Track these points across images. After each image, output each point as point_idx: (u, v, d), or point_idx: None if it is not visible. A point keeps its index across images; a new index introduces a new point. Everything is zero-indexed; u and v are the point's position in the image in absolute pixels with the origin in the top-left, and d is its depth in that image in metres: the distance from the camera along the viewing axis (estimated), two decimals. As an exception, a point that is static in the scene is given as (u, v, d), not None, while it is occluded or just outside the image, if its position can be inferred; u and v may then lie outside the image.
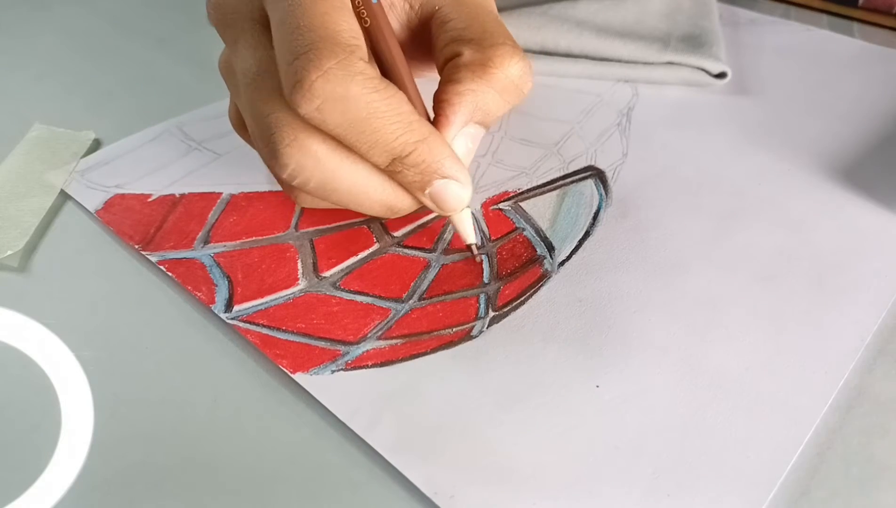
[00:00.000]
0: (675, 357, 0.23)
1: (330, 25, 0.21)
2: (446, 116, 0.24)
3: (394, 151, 0.22)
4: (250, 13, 0.24)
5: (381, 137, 0.22)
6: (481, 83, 0.24)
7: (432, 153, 0.23)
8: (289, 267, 0.27)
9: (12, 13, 0.47)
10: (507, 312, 0.25)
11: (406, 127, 0.22)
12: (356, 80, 0.21)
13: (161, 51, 0.42)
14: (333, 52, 0.21)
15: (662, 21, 0.38)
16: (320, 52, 0.21)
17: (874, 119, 0.34)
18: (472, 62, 0.24)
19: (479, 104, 0.24)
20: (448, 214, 0.25)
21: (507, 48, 0.24)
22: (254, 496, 0.20)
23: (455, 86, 0.24)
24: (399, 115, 0.22)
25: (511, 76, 0.24)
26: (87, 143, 0.34)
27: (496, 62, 0.24)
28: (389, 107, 0.22)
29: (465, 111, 0.24)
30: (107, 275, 0.27)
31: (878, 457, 0.21)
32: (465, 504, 0.19)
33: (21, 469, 0.21)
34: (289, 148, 0.22)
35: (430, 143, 0.22)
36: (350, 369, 0.23)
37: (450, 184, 0.23)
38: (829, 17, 0.44)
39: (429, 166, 0.23)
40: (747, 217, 0.28)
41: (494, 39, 0.24)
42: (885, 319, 0.24)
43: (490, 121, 0.25)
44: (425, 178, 0.23)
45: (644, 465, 0.20)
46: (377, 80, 0.21)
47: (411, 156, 0.22)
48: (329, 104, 0.21)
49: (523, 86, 0.25)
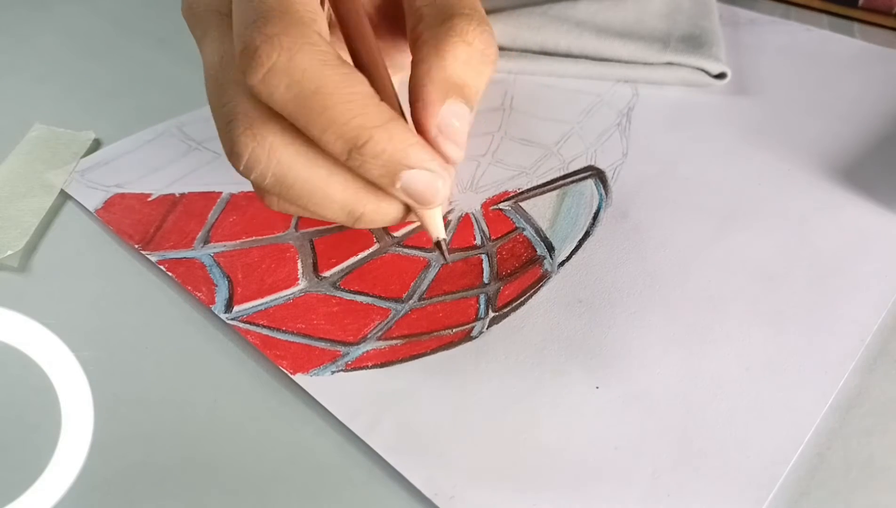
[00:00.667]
0: (674, 357, 0.23)
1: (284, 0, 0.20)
2: (421, 98, 0.22)
3: (348, 136, 0.20)
4: (218, 7, 0.23)
5: (333, 116, 0.20)
6: (445, 56, 0.22)
7: (393, 140, 0.20)
8: (289, 268, 0.27)
9: (12, 13, 0.47)
10: (507, 313, 0.25)
11: (361, 108, 0.20)
12: (304, 50, 0.19)
13: (161, 51, 0.42)
14: (282, 20, 0.20)
15: (662, 21, 0.38)
16: (268, 20, 0.20)
17: (874, 119, 0.34)
18: (431, 38, 0.23)
19: (450, 79, 0.22)
20: (426, 208, 0.22)
21: (463, 17, 0.23)
22: (254, 496, 0.20)
23: (420, 66, 0.22)
24: (353, 94, 0.20)
25: (473, 44, 0.23)
26: (87, 143, 0.34)
27: (454, 31, 0.23)
28: (342, 84, 0.20)
29: (437, 88, 0.22)
30: (107, 275, 0.27)
31: (878, 457, 0.21)
32: (465, 504, 0.19)
33: (21, 469, 0.21)
34: (242, 136, 0.21)
35: (390, 129, 0.20)
36: (350, 370, 0.23)
37: (420, 174, 0.21)
38: (829, 17, 0.44)
39: (391, 156, 0.20)
40: (747, 217, 0.28)
41: (452, 10, 0.23)
42: (885, 319, 0.24)
43: (470, 95, 0.23)
44: (390, 170, 0.21)
45: (644, 465, 0.20)
46: (330, 54, 0.20)
47: (369, 144, 0.20)
48: (275, 75, 0.19)
49: (489, 53, 0.24)
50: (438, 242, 0.24)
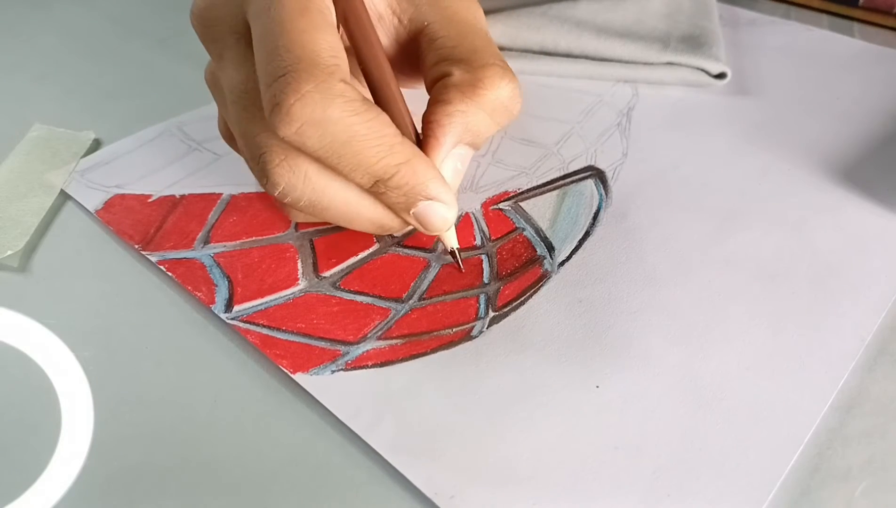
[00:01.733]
0: (675, 357, 0.23)
1: (308, 45, 0.21)
2: (436, 138, 0.23)
3: (376, 174, 0.22)
4: (234, 27, 0.23)
5: (363, 160, 0.21)
6: (471, 104, 0.23)
7: (416, 175, 0.22)
8: (289, 267, 0.27)
9: (12, 13, 0.47)
10: (507, 312, 0.25)
11: (388, 149, 0.22)
12: (335, 103, 0.20)
13: (161, 51, 0.42)
14: (312, 75, 0.20)
15: (662, 21, 0.38)
16: (298, 75, 0.20)
17: (874, 119, 0.34)
18: (462, 83, 0.23)
19: (468, 125, 0.23)
20: (433, 234, 0.24)
21: (497, 69, 0.24)
22: (254, 496, 0.20)
23: (444, 107, 0.23)
24: (381, 138, 0.21)
25: (501, 97, 0.24)
26: (87, 143, 0.34)
27: (486, 83, 0.23)
28: (370, 130, 0.21)
29: (454, 132, 0.23)
30: (107, 275, 0.27)
31: (878, 457, 0.21)
32: (465, 504, 0.19)
33: (21, 469, 0.21)
34: (278, 168, 0.22)
35: (414, 165, 0.22)
36: (350, 369, 0.23)
37: (434, 206, 0.23)
38: (829, 17, 0.44)
39: (412, 188, 0.22)
40: (747, 217, 0.28)
41: (485, 60, 0.24)
42: (885, 319, 0.24)
43: (479, 142, 0.25)
44: (409, 200, 0.23)
45: (644, 465, 0.20)
46: (358, 102, 0.21)
47: (394, 178, 0.22)
48: (308, 128, 0.20)
49: (513, 108, 0.24)
50: (452, 251, 0.26)
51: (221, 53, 0.24)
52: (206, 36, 0.25)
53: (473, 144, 0.25)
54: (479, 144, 0.25)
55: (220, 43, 0.24)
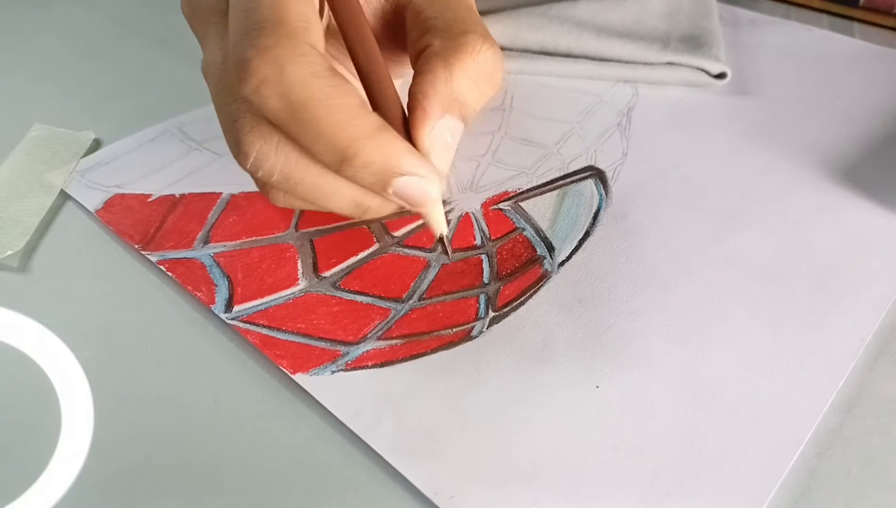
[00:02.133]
0: (675, 357, 0.23)
1: (277, 6, 0.20)
2: (422, 108, 0.22)
3: (338, 147, 0.20)
4: (218, 5, 0.23)
5: (323, 128, 0.20)
6: (454, 71, 0.22)
7: (382, 151, 0.21)
8: (289, 267, 0.27)
9: (12, 13, 0.47)
10: (507, 312, 0.25)
11: (350, 119, 0.20)
12: (295, 61, 0.20)
13: (161, 51, 0.42)
14: (274, 31, 0.20)
15: (662, 21, 0.38)
16: (261, 31, 0.20)
17: (874, 119, 0.34)
18: (442, 50, 0.23)
19: (453, 94, 0.23)
20: (420, 210, 0.23)
21: (476, 35, 0.23)
22: (254, 496, 0.20)
23: (426, 77, 0.23)
24: (343, 106, 0.20)
25: (482, 63, 0.23)
26: (87, 143, 0.34)
27: (467, 48, 0.23)
28: (331, 96, 0.20)
29: (440, 101, 0.22)
30: (107, 275, 0.27)
31: (878, 457, 0.21)
32: (465, 504, 0.19)
33: (21, 469, 0.21)
34: (249, 134, 0.21)
35: (379, 140, 0.20)
36: (350, 369, 0.23)
37: (412, 180, 0.21)
38: (829, 17, 0.44)
39: (382, 165, 0.21)
40: (747, 217, 0.28)
41: (464, 27, 0.23)
42: (885, 319, 0.24)
43: (468, 113, 0.24)
44: (382, 178, 0.21)
45: (644, 465, 0.20)
46: (321, 66, 0.20)
47: (360, 155, 0.20)
48: (266, 86, 0.20)
49: (496, 74, 0.24)
50: (441, 238, 0.24)
51: (205, 32, 0.24)
52: (193, 20, 0.25)
53: (462, 115, 0.24)
54: (468, 116, 0.24)
55: (204, 22, 0.24)
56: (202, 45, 0.24)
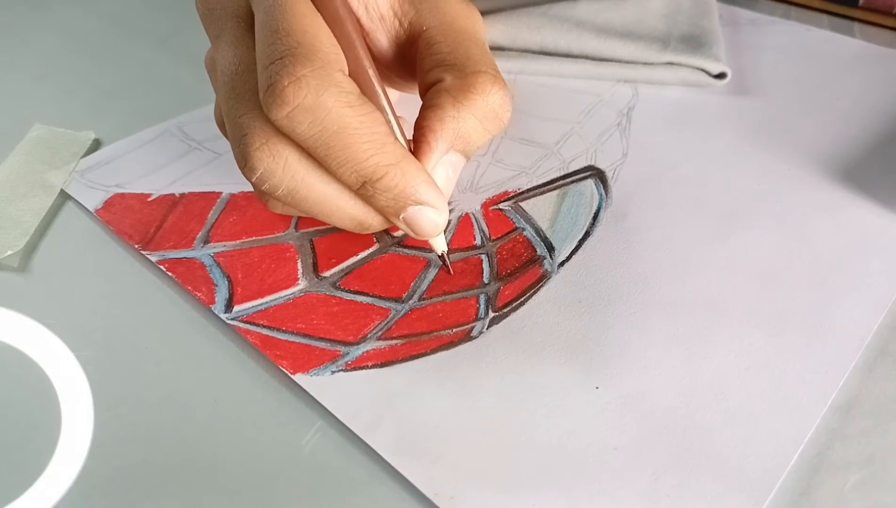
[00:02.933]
0: (674, 357, 0.23)
1: (310, 31, 0.21)
2: (427, 142, 0.23)
3: (364, 172, 0.21)
4: (235, 9, 0.24)
5: (352, 155, 0.21)
6: (462, 109, 0.23)
7: (405, 177, 0.22)
8: (289, 268, 0.27)
9: (12, 13, 0.47)
10: (507, 313, 0.25)
11: (379, 147, 0.21)
12: (330, 92, 0.20)
13: (161, 51, 0.42)
14: (310, 60, 0.20)
15: (662, 21, 0.38)
16: (296, 59, 0.20)
17: (874, 119, 0.34)
18: (453, 87, 0.23)
19: (459, 131, 0.23)
20: (422, 239, 0.24)
21: (488, 76, 0.24)
22: (254, 496, 0.20)
23: (436, 112, 0.23)
24: (373, 135, 0.21)
25: (491, 103, 0.24)
26: (87, 143, 0.34)
27: (477, 88, 0.23)
28: (363, 125, 0.21)
29: (446, 137, 0.23)
30: (107, 275, 0.27)
31: (878, 457, 0.21)
32: (465, 504, 0.19)
33: (21, 469, 0.21)
34: (258, 151, 0.22)
35: (404, 168, 0.22)
36: (350, 370, 0.23)
37: (424, 211, 0.23)
38: (829, 17, 0.44)
39: (402, 191, 0.22)
40: (747, 217, 0.28)
41: (477, 66, 0.24)
42: (885, 319, 0.24)
43: (470, 150, 0.24)
44: (398, 204, 0.22)
45: (644, 466, 0.20)
46: (354, 96, 0.21)
47: (383, 180, 0.22)
48: (300, 113, 0.20)
49: (503, 115, 0.24)
50: (441, 255, 0.25)
51: (219, 34, 0.24)
52: (207, 18, 0.25)
53: (465, 152, 0.24)
54: (471, 153, 0.25)
55: (220, 24, 0.24)
56: (213, 43, 0.25)
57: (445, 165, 0.24)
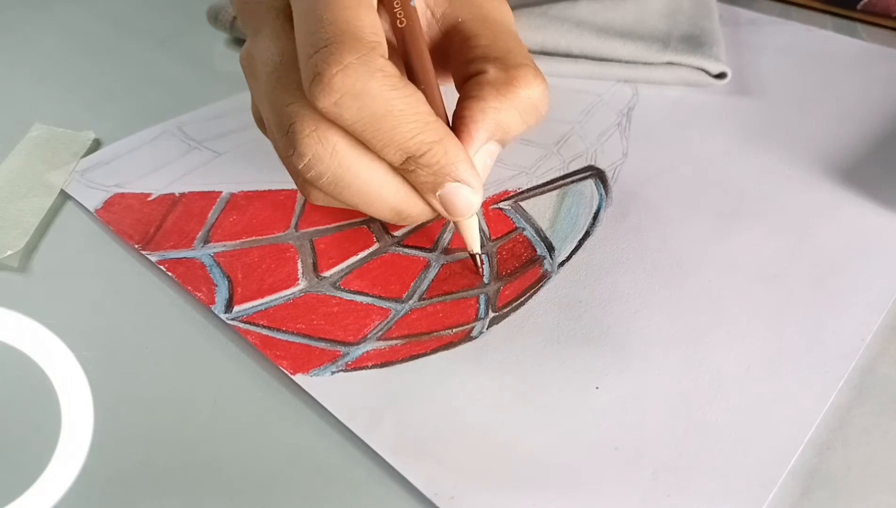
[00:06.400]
0: (675, 357, 0.23)
1: (352, 20, 0.21)
2: (469, 132, 0.24)
3: (409, 150, 0.22)
4: (273, 4, 0.24)
5: (398, 135, 0.22)
6: (504, 102, 0.24)
7: (447, 155, 0.22)
8: (289, 267, 0.27)
9: (12, 13, 0.47)
10: (507, 313, 0.25)
11: (423, 126, 0.22)
12: (376, 77, 0.21)
13: (161, 51, 0.42)
14: (354, 48, 0.21)
15: (662, 21, 0.38)
16: (341, 47, 0.21)
17: (874, 119, 0.34)
18: (497, 80, 0.24)
19: (500, 122, 0.24)
20: (456, 219, 0.24)
21: (530, 69, 0.24)
22: (254, 496, 0.20)
23: (479, 103, 0.24)
24: (417, 115, 0.22)
25: (533, 97, 0.24)
26: (87, 143, 0.34)
27: (520, 82, 0.24)
28: (407, 106, 0.21)
29: (487, 127, 0.24)
30: (107, 275, 0.27)
31: (878, 457, 0.21)
32: (465, 504, 0.19)
33: (21, 469, 0.21)
34: (308, 138, 0.22)
35: (446, 145, 0.22)
36: (350, 370, 0.23)
37: (461, 189, 0.23)
38: (830, 17, 0.44)
39: (442, 168, 0.23)
40: (747, 217, 0.28)
41: (518, 60, 0.24)
42: (885, 319, 0.24)
43: (507, 139, 0.25)
44: (438, 179, 0.23)
45: (644, 466, 0.20)
46: (396, 78, 0.21)
47: (426, 155, 0.22)
48: (347, 99, 0.21)
49: (542, 108, 0.25)
50: (474, 255, 0.26)
51: (259, 28, 0.24)
52: (244, 11, 0.25)
53: (502, 141, 0.25)
54: (507, 142, 0.25)
55: (259, 19, 0.24)
56: (251, 37, 0.25)
57: (483, 154, 0.24)
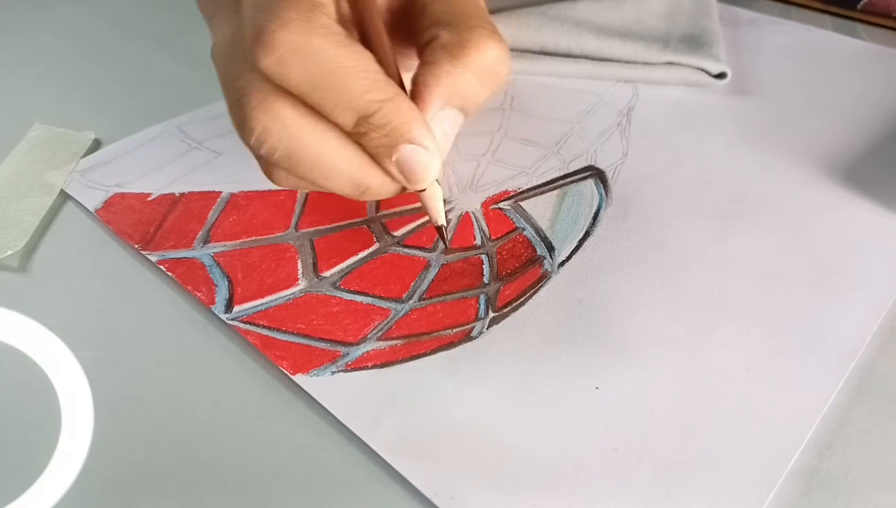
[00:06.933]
0: (674, 357, 0.23)
1: None
2: (423, 98, 0.23)
3: (359, 108, 0.21)
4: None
5: (346, 93, 0.21)
6: (458, 64, 0.23)
7: (399, 114, 0.21)
8: (289, 267, 0.27)
9: (12, 13, 0.47)
10: (507, 313, 0.25)
11: (372, 84, 0.21)
12: (319, 32, 0.20)
13: (161, 51, 0.42)
14: (296, 5, 0.20)
15: (662, 21, 0.38)
16: (282, 4, 0.20)
17: (874, 119, 0.34)
18: (448, 44, 0.23)
19: (456, 87, 0.23)
20: (416, 187, 0.23)
21: (484, 31, 0.23)
22: (254, 496, 0.20)
23: (431, 68, 0.23)
24: (365, 72, 0.21)
25: (488, 59, 0.23)
26: (87, 143, 0.34)
27: (473, 43, 0.23)
28: (354, 62, 0.21)
29: (441, 92, 0.23)
30: (107, 275, 0.27)
31: (878, 457, 0.21)
32: (465, 504, 0.19)
33: (21, 469, 0.21)
34: (254, 110, 0.21)
35: (398, 103, 0.21)
36: (350, 370, 0.23)
37: (417, 151, 0.22)
38: (830, 17, 0.44)
39: (395, 128, 0.21)
40: (747, 217, 0.28)
41: (472, 22, 0.24)
42: (885, 319, 0.24)
43: (469, 106, 0.24)
44: (391, 140, 0.22)
45: (644, 465, 0.20)
46: (342, 36, 0.21)
47: (377, 114, 0.21)
48: (290, 56, 0.20)
49: (501, 71, 0.24)
50: (439, 228, 0.25)
51: (216, 13, 0.24)
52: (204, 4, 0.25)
53: (463, 109, 0.24)
54: (470, 109, 0.24)
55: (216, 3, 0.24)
56: (211, 26, 0.25)
57: (442, 121, 0.23)
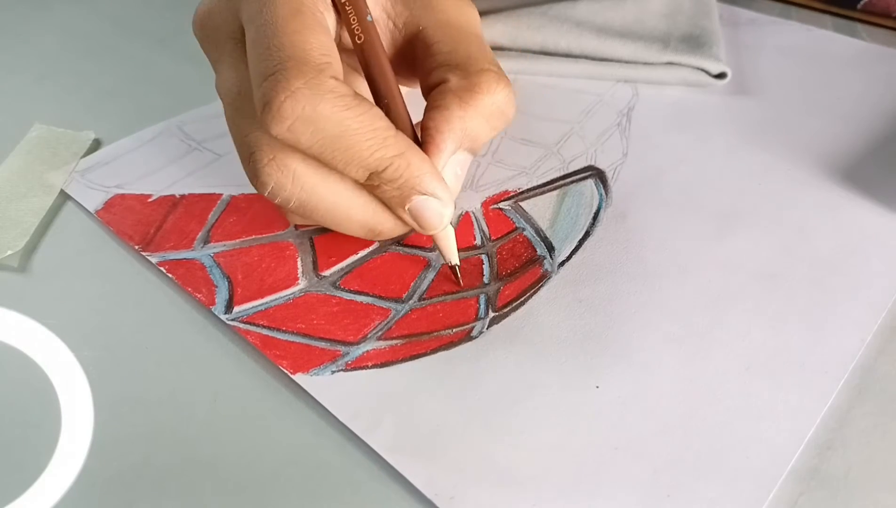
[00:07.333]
0: (674, 357, 0.23)
1: (299, 44, 0.21)
2: (435, 144, 0.23)
3: (369, 166, 0.22)
4: (231, 32, 0.24)
5: (356, 154, 0.21)
6: (468, 109, 0.23)
7: (410, 168, 0.22)
8: (289, 267, 0.27)
9: (12, 13, 0.47)
10: (507, 313, 0.25)
11: (381, 142, 0.22)
12: (326, 99, 0.21)
13: (161, 51, 0.42)
14: (301, 72, 0.20)
15: (662, 21, 0.38)
16: (288, 73, 0.20)
17: (874, 119, 0.34)
18: (459, 88, 0.24)
19: (466, 131, 0.24)
20: (429, 233, 0.24)
21: (492, 74, 0.24)
22: (254, 496, 0.20)
23: (442, 113, 0.23)
24: (373, 131, 0.21)
25: (497, 102, 0.24)
26: (87, 143, 0.34)
27: (483, 88, 0.24)
28: (362, 124, 0.21)
29: (453, 138, 0.24)
30: (107, 275, 0.27)
31: (878, 457, 0.21)
32: (465, 504, 0.19)
33: (21, 469, 0.21)
34: (267, 167, 0.22)
35: (408, 158, 0.22)
36: (350, 370, 0.23)
37: (430, 201, 0.23)
38: (830, 16, 0.44)
39: (406, 181, 0.22)
40: (747, 217, 0.28)
41: (480, 65, 0.24)
42: (885, 319, 0.24)
43: (477, 147, 0.25)
44: (404, 193, 0.23)
45: (644, 465, 0.20)
46: (349, 98, 0.21)
47: (388, 170, 0.22)
48: (299, 124, 0.21)
49: (508, 112, 0.25)
50: (453, 267, 0.25)
51: (219, 59, 0.24)
52: (204, 41, 0.25)
53: (472, 149, 0.25)
54: (477, 149, 0.25)
55: (218, 49, 0.24)
56: (215, 68, 0.25)
57: (453, 164, 0.24)
